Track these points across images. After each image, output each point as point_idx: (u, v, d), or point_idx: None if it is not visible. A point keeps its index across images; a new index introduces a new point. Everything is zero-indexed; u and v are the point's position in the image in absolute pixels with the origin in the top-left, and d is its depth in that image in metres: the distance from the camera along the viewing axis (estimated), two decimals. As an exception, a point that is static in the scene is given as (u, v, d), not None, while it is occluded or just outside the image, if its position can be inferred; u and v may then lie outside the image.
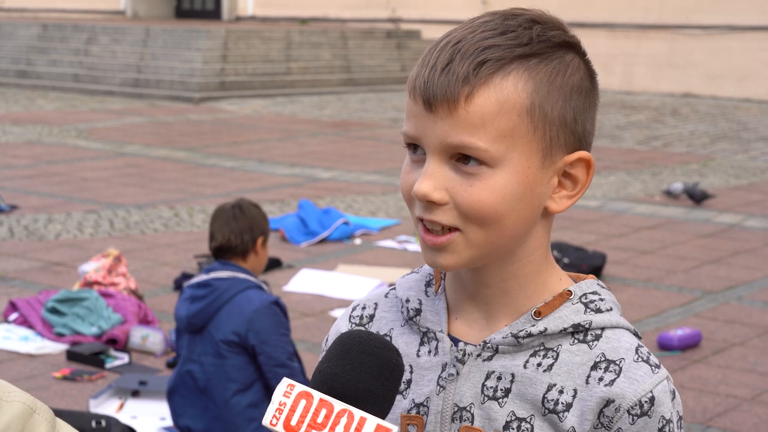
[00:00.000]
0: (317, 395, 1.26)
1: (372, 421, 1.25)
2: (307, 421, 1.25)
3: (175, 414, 4.44)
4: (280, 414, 1.26)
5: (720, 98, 19.25)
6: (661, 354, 5.96)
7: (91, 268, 6.70)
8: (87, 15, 26.21)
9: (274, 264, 7.52)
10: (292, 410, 1.26)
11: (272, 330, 4.24)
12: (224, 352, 4.27)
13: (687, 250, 8.41)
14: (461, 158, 1.36)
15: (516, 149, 1.36)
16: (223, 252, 4.39)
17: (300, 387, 1.27)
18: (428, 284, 1.51)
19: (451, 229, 1.38)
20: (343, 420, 1.25)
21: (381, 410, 1.28)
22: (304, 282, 7.15)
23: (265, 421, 1.27)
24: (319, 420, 1.25)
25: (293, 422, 1.26)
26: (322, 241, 8.41)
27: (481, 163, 1.35)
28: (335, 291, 6.95)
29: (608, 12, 20.38)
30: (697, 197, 10.07)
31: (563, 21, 1.43)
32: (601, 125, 15.12)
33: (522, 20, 1.39)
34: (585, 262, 7.38)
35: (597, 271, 7.41)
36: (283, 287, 7.08)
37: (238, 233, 4.33)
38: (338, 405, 1.26)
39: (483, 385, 1.42)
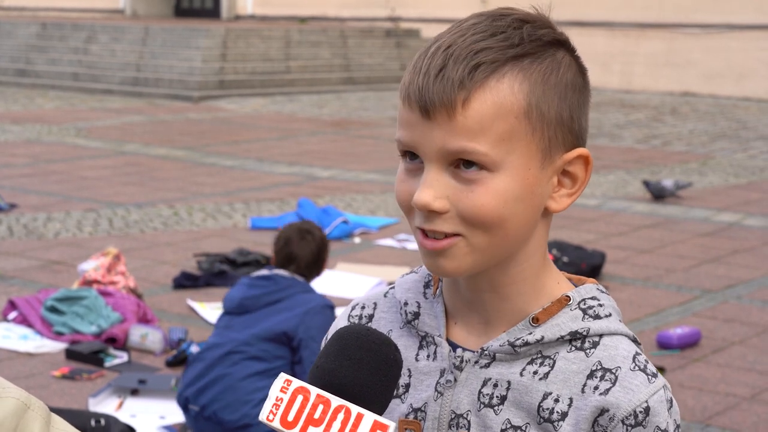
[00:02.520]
0: (314, 391, 1.26)
1: (369, 417, 1.24)
2: (304, 416, 1.25)
3: (184, 384, 4.67)
4: (276, 409, 1.26)
5: (719, 97, 19.24)
6: (660, 353, 5.96)
7: (91, 266, 6.70)
8: (86, 14, 26.19)
9: (273, 263, 7.52)
10: (289, 406, 1.25)
11: (324, 330, 4.52)
12: (262, 335, 4.55)
13: (686, 248, 8.40)
14: (460, 164, 1.34)
15: (515, 152, 1.34)
16: (289, 262, 4.85)
17: (297, 382, 1.26)
18: (427, 285, 1.49)
19: (454, 234, 1.35)
20: (341, 416, 1.24)
21: (379, 406, 1.28)
22: (304, 281, 7.15)
23: (262, 417, 1.26)
24: (316, 416, 1.24)
25: (290, 418, 1.25)
26: (322, 239, 8.41)
27: (481, 168, 1.33)
28: (334, 289, 6.95)
29: (607, 11, 20.37)
30: (656, 192, 10.07)
31: (550, 18, 1.41)
32: (601, 124, 15.11)
33: (510, 20, 1.37)
34: (584, 261, 7.37)
35: (596, 269, 7.40)
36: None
37: (310, 253, 4.85)
38: (335, 401, 1.25)
39: (479, 392, 1.40)
